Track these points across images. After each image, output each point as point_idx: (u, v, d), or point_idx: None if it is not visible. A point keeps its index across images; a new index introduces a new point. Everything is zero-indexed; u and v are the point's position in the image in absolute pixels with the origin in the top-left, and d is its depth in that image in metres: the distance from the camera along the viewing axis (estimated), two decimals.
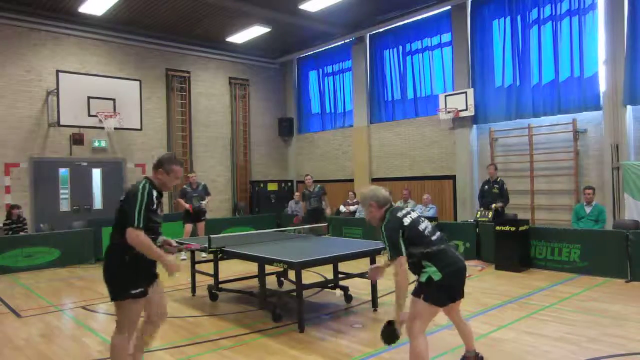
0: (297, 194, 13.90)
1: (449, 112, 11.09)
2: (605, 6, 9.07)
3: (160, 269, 3.58)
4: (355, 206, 11.97)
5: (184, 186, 10.12)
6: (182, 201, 9.84)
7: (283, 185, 15.37)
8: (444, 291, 3.48)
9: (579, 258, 7.54)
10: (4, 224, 9.99)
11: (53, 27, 11.46)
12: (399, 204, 11.14)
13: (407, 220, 3.53)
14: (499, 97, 10.67)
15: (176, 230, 10.79)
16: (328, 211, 10.34)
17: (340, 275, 6.25)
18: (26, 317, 5.93)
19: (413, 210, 3.71)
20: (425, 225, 3.57)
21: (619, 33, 8.87)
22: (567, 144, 9.68)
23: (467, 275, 3.67)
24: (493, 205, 8.77)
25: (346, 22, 12.69)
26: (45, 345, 4.86)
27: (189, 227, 9.86)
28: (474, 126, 11.20)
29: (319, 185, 10.49)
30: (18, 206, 10.12)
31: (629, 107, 8.87)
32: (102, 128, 11.11)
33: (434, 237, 3.54)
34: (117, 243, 3.46)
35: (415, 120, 12.38)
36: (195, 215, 9.85)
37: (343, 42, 13.89)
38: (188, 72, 13.67)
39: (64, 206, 11.67)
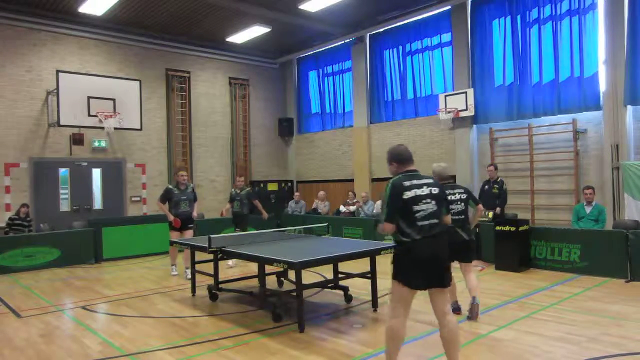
0: (296, 193, 13.92)
1: (449, 112, 11.09)
2: (605, 6, 9.07)
3: None
4: (355, 206, 11.97)
5: (169, 186, 8.22)
6: (164, 207, 8.04)
7: (283, 185, 15.38)
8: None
9: (579, 258, 7.53)
10: (10, 219, 10.05)
11: (53, 27, 11.46)
12: None
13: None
14: (499, 97, 10.67)
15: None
16: (264, 215, 9.57)
17: (340, 275, 6.24)
18: (26, 317, 5.92)
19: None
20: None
21: (619, 33, 8.87)
22: (567, 144, 9.68)
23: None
24: (496, 211, 8.73)
25: (346, 22, 12.69)
26: (45, 345, 4.86)
27: (175, 235, 8.03)
28: (474, 126, 11.20)
29: (247, 189, 9.66)
30: (27, 205, 10.35)
31: (629, 107, 8.87)
32: (102, 128, 11.11)
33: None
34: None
35: (415, 120, 12.38)
36: (183, 222, 8.07)
37: (343, 42, 13.89)
38: (188, 72, 13.67)
39: (64, 206, 11.67)
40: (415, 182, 3.62)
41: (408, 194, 3.55)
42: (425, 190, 3.62)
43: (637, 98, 8.74)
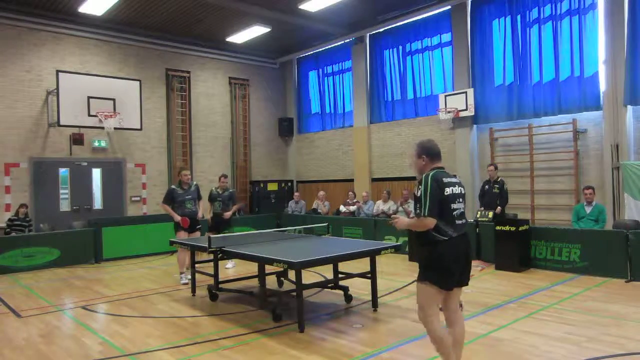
0: (296, 193, 13.92)
1: (449, 112, 11.09)
2: (605, 6, 9.06)
3: None
4: (355, 206, 11.97)
5: (173, 187, 7.95)
6: (169, 208, 7.69)
7: (283, 185, 15.38)
8: None
9: (579, 258, 7.53)
10: (10, 220, 10.05)
11: (53, 27, 11.46)
12: (393, 205, 11.20)
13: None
14: (499, 97, 10.67)
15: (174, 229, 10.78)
16: (227, 214, 8.72)
17: (340, 275, 6.25)
18: (26, 317, 5.92)
19: None
20: None
21: (619, 33, 8.87)
22: (567, 143, 9.68)
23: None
24: (497, 210, 8.76)
25: (346, 22, 12.69)
26: (45, 345, 4.86)
27: (183, 235, 7.69)
28: (474, 126, 11.20)
29: (231, 190, 8.96)
30: (26, 205, 10.33)
31: (629, 107, 8.86)
32: (102, 128, 11.11)
33: None
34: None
35: (415, 120, 12.38)
36: (191, 222, 7.75)
37: (343, 42, 13.89)
38: (188, 72, 13.67)
39: (64, 206, 11.66)
40: (449, 180, 3.57)
41: (447, 191, 3.49)
42: (457, 189, 3.60)
43: (637, 98, 8.74)
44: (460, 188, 3.64)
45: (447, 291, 3.52)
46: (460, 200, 3.60)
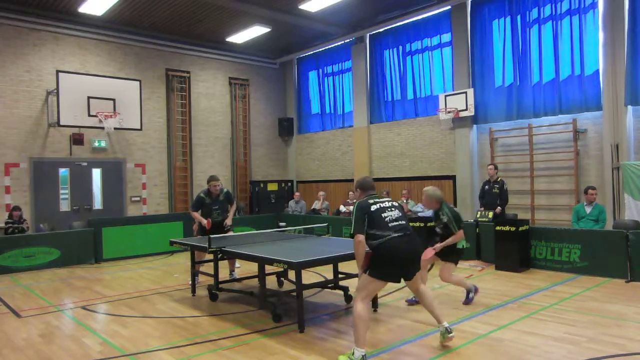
0: (297, 193, 13.92)
1: (449, 112, 11.09)
2: (605, 6, 9.06)
3: None
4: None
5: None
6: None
7: (283, 185, 15.38)
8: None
9: (579, 258, 7.53)
10: (6, 223, 10.00)
11: (53, 27, 11.46)
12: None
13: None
14: (499, 97, 10.68)
15: (174, 229, 10.80)
16: (228, 221, 7.67)
17: (340, 275, 6.24)
18: (26, 317, 5.92)
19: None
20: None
21: (619, 33, 8.87)
22: (567, 144, 9.68)
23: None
24: (497, 210, 8.78)
25: (346, 22, 12.69)
26: (45, 345, 4.86)
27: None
28: (474, 126, 11.20)
29: (225, 191, 7.68)
30: (19, 208, 10.21)
31: (629, 107, 8.86)
32: (102, 128, 11.11)
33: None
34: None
35: (415, 120, 12.38)
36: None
37: (343, 42, 13.89)
38: (188, 72, 13.67)
39: (64, 206, 11.66)
40: (375, 200, 4.43)
41: (374, 207, 4.37)
42: (386, 203, 4.45)
43: (637, 98, 8.74)
44: (391, 202, 4.51)
45: (390, 282, 4.42)
46: (393, 209, 4.41)
